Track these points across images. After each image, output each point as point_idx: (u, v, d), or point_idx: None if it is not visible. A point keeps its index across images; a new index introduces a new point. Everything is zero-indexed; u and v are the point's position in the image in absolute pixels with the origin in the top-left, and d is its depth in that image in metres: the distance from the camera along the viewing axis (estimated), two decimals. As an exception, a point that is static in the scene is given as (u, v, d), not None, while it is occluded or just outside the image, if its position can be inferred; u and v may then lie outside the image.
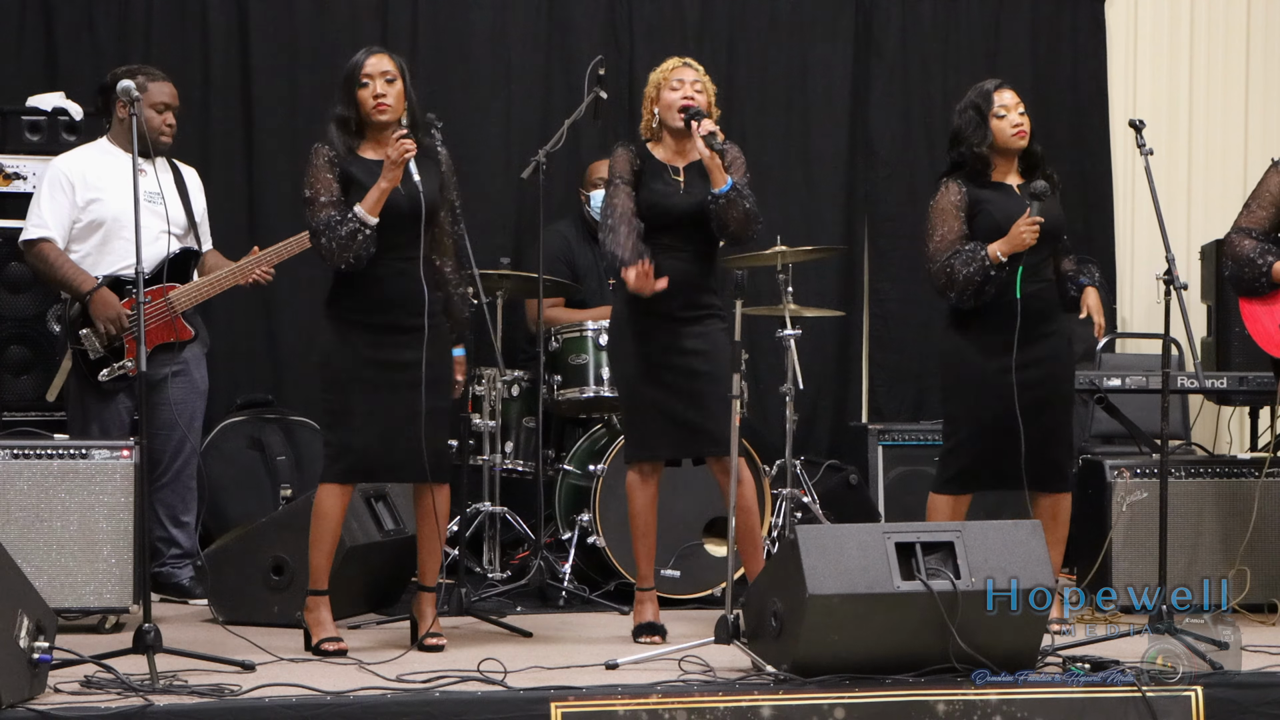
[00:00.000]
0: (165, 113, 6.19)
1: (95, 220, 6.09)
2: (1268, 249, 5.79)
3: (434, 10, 7.72)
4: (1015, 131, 5.68)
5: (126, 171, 6.11)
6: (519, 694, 4.66)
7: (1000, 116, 5.68)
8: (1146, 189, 5.68)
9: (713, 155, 5.44)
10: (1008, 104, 5.69)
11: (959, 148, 5.73)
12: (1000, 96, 5.69)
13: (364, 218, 5.17)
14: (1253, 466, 6.19)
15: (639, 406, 5.59)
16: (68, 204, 6.09)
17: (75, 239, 6.10)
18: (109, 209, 6.09)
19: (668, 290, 5.50)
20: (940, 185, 5.74)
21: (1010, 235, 5.54)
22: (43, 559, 5.52)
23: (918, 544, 4.84)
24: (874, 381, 8.06)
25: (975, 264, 5.54)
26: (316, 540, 5.29)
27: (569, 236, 7.22)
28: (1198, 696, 4.86)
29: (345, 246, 5.15)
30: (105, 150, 6.21)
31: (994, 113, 5.68)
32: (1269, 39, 8.42)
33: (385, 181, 5.19)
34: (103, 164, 6.15)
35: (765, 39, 8.02)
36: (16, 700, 4.40)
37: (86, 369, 6.03)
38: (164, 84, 6.22)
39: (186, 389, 6.17)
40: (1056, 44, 8.25)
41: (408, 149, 5.17)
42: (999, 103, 5.68)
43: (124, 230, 6.03)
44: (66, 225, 6.09)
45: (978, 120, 5.69)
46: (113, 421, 6.05)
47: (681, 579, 6.30)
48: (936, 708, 4.75)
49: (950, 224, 5.65)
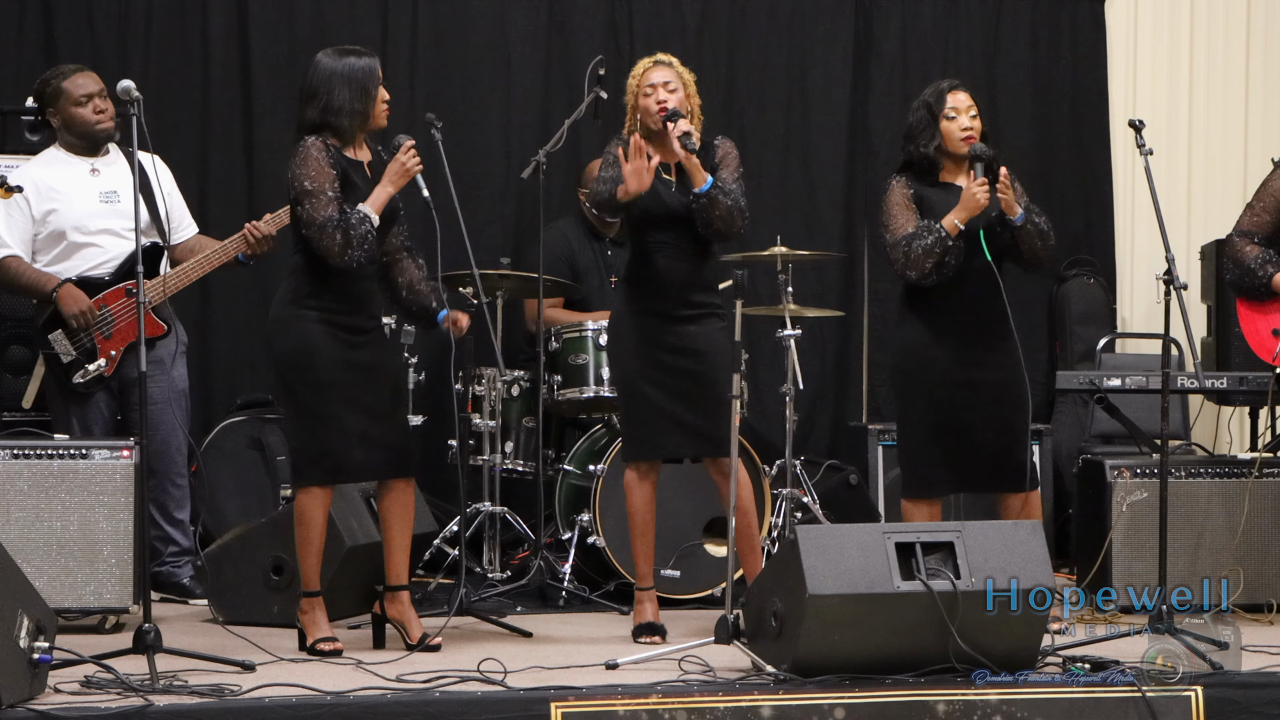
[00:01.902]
0: (90, 102, 6.14)
1: (55, 230, 6.08)
2: (1269, 258, 5.79)
3: (434, 10, 7.71)
4: (964, 135, 5.61)
5: (80, 177, 6.13)
6: (519, 694, 4.67)
7: (950, 118, 5.63)
8: (1146, 189, 5.67)
9: (689, 156, 5.45)
10: (959, 106, 5.63)
11: (909, 146, 5.69)
12: (953, 98, 5.63)
13: (374, 218, 5.22)
14: (1252, 467, 6.19)
15: (637, 405, 5.60)
16: (24, 219, 6.07)
17: (39, 250, 6.10)
18: (66, 218, 6.07)
19: (664, 288, 5.54)
20: (890, 181, 5.71)
21: (962, 200, 5.50)
22: (43, 559, 5.52)
23: (918, 544, 4.85)
24: (874, 381, 8.05)
25: (932, 235, 5.50)
26: (304, 545, 5.30)
27: (570, 235, 7.22)
28: (1198, 696, 4.86)
29: (360, 243, 5.19)
30: (55, 159, 6.18)
31: (945, 114, 5.64)
32: (1269, 39, 8.42)
33: (392, 186, 5.27)
34: (55, 173, 6.13)
35: (765, 39, 8.01)
36: (16, 700, 4.40)
37: (61, 372, 6.03)
38: (81, 75, 6.18)
39: (164, 386, 6.14)
40: (1056, 44, 8.24)
41: (420, 163, 5.28)
42: (951, 104, 5.63)
43: (83, 235, 6.06)
44: (28, 239, 6.08)
45: (928, 120, 5.65)
46: (94, 420, 6.04)
47: (681, 579, 6.30)
48: (936, 708, 4.75)
49: (905, 214, 5.61)
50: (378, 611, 5.42)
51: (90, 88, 6.16)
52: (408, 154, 5.27)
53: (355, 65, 5.29)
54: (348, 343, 5.28)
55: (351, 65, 5.29)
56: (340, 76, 5.27)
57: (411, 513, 5.44)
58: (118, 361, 6.05)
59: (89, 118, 6.13)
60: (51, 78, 6.19)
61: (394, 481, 5.38)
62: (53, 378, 6.06)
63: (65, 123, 6.16)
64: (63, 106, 6.14)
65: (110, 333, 6.02)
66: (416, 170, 5.30)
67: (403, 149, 5.29)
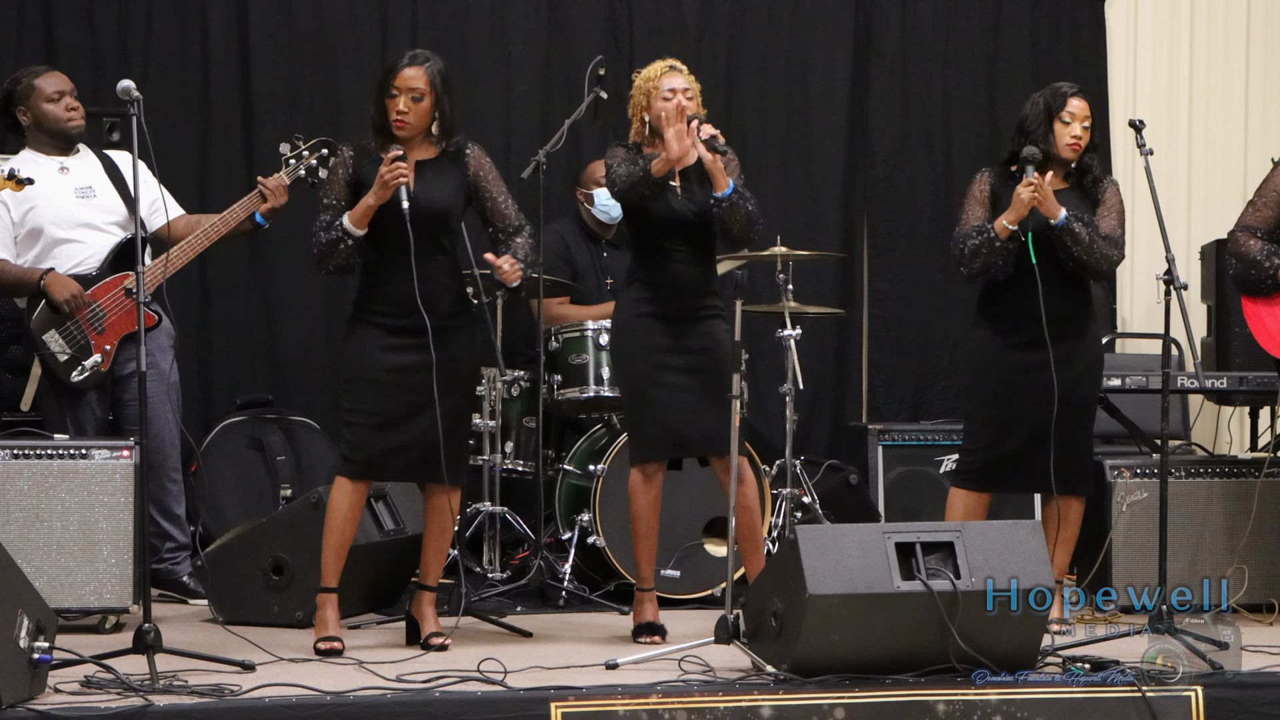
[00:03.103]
0: (62, 99, 6.14)
1: (33, 229, 6.07)
2: (1273, 250, 5.79)
3: (434, 10, 7.71)
4: (1071, 142, 5.72)
5: (53, 176, 6.11)
6: (519, 694, 4.67)
7: (1065, 123, 5.71)
8: (1146, 189, 5.68)
9: (715, 158, 5.44)
10: (1076, 113, 5.72)
11: (1018, 138, 5.78)
12: (1073, 103, 5.72)
13: (349, 229, 5.22)
14: (1253, 466, 6.19)
15: (644, 408, 5.57)
16: (4, 222, 6.07)
17: (19, 251, 6.09)
18: (44, 215, 6.06)
19: (672, 293, 5.54)
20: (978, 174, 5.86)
21: (1014, 201, 5.59)
22: (43, 559, 5.52)
23: (918, 544, 4.85)
24: (874, 381, 8.05)
25: (980, 235, 5.64)
26: (326, 535, 5.33)
27: (566, 235, 7.21)
28: (1198, 696, 4.86)
29: (326, 254, 5.24)
30: (28, 159, 6.15)
31: (1061, 116, 5.71)
32: (1269, 39, 8.42)
33: (373, 198, 5.24)
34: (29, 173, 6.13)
35: (765, 39, 8.01)
36: (16, 700, 4.40)
37: (58, 372, 6.02)
38: (50, 75, 6.18)
39: (154, 381, 6.13)
40: (1056, 44, 8.25)
41: (401, 173, 5.19)
42: (1070, 109, 5.71)
43: (62, 231, 6.05)
44: (9, 242, 6.08)
45: (1044, 117, 5.73)
46: (86, 420, 6.04)
47: (681, 579, 6.30)
48: (936, 708, 4.75)
49: (974, 209, 5.76)
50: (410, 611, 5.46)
51: (62, 85, 6.18)
52: (388, 166, 5.21)
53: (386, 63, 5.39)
54: (396, 344, 5.27)
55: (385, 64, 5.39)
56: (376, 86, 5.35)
57: (446, 517, 5.41)
58: (113, 356, 6.04)
59: (61, 114, 6.13)
60: (22, 76, 6.19)
61: (434, 485, 5.37)
62: (49, 378, 6.05)
63: (37, 120, 6.15)
64: (34, 104, 6.14)
65: (103, 327, 6.02)
66: (398, 183, 5.21)
67: (385, 160, 5.23)
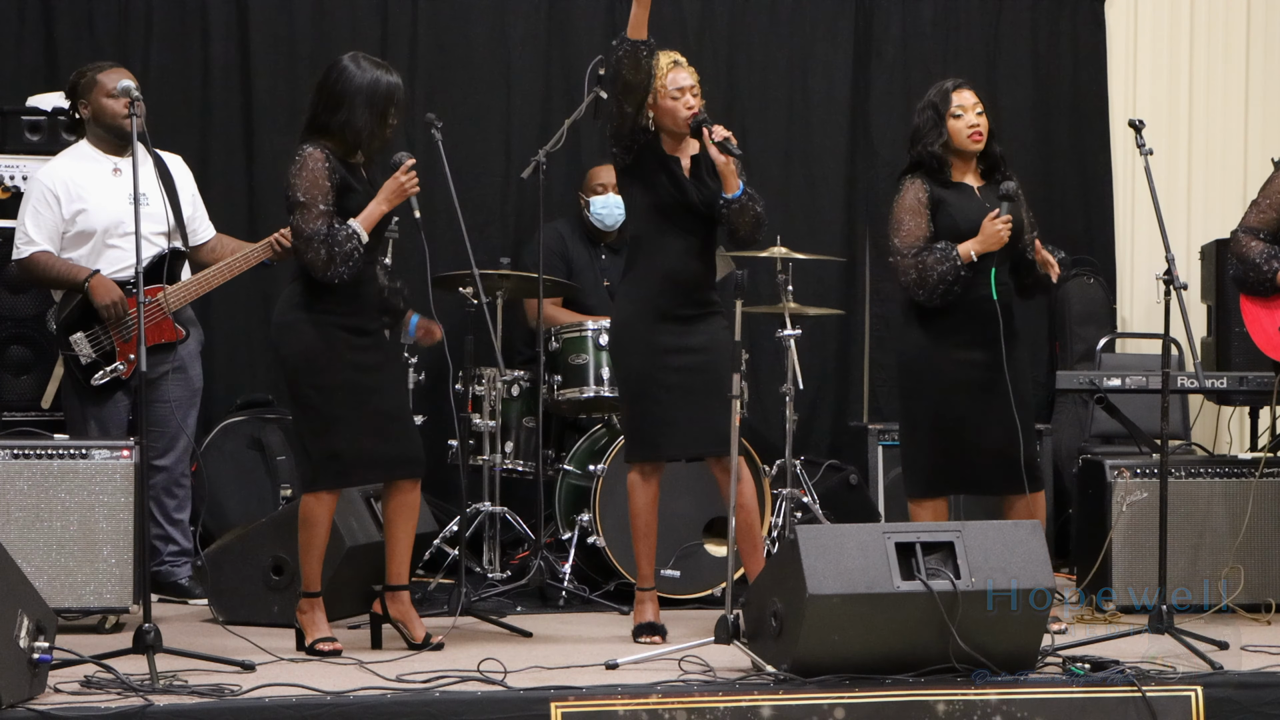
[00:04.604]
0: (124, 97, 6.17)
1: (84, 230, 6.08)
2: (1275, 253, 5.79)
3: (434, 11, 7.71)
4: (971, 133, 5.66)
5: (104, 176, 6.11)
6: (519, 694, 4.67)
7: (957, 116, 5.67)
8: (1146, 189, 5.68)
9: (728, 160, 5.44)
10: (965, 104, 5.67)
11: (916, 146, 5.72)
12: (958, 96, 5.68)
13: (362, 234, 5.20)
14: (1252, 466, 6.19)
15: (643, 406, 5.58)
16: (54, 218, 6.07)
17: (65, 248, 6.10)
18: (96, 219, 6.07)
19: (673, 288, 5.54)
20: (902, 182, 5.73)
21: (983, 234, 5.55)
22: (43, 559, 5.52)
23: (918, 544, 4.85)
24: (874, 381, 8.05)
25: (947, 263, 5.54)
26: (307, 547, 5.30)
27: (565, 234, 7.21)
28: (1198, 696, 4.86)
29: (344, 260, 5.17)
30: (83, 155, 6.18)
31: (951, 112, 5.67)
32: (1269, 39, 8.42)
33: (386, 205, 5.25)
34: (84, 171, 6.13)
35: (765, 39, 8.01)
36: (16, 700, 4.40)
37: (79, 373, 6.03)
38: (113, 71, 6.17)
39: (182, 386, 6.17)
40: (1056, 44, 8.25)
41: (417, 182, 5.25)
42: (956, 103, 5.67)
43: (112, 238, 6.06)
44: (57, 237, 6.08)
45: (935, 119, 5.68)
46: (111, 420, 6.05)
47: (681, 579, 6.30)
48: (936, 708, 4.75)
49: (917, 220, 5.64)
50: (377, 611, 5.42)
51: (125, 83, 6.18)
52: (407, 175, 5.24)
53: (383, 86, 5.24)
54: (352, 344, 5.27)
55: (380, 85, 5.24)
56: (366, 95, 5.22)
57: (416, 513, 5.43)
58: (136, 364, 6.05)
59: (119, 111, 6.10)
60: (87, 69, 6.20)
61: (401, 482, 5.37)
62: (71, 379, 6.06)
63: (95, 114, 6.15)
64: (95, 98, 6.14)
65: (129, 336, 6.01)
66: (413, 192, 5.26)
67: (402, 168, 5.24)
